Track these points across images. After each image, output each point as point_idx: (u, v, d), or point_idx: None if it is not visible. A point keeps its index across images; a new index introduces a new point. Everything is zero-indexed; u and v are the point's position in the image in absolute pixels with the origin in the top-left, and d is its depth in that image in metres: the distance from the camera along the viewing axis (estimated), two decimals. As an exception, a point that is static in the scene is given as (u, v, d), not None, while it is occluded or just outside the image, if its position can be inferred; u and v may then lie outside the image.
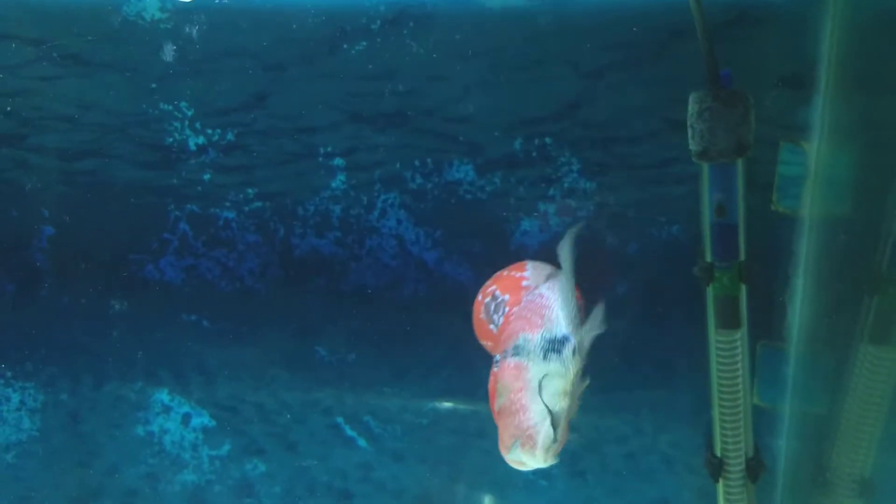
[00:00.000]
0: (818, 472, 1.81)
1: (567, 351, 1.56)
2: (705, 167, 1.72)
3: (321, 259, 2.14)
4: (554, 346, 1.55)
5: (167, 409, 2.29)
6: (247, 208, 2.12)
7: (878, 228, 1.67)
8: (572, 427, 1.60)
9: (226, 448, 2.29)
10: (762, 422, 1.92)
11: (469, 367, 2.13)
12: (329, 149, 2.03)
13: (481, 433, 2.15)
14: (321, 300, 2.17)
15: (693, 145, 1.70)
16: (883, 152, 1.72)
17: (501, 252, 2.04)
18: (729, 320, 1.79)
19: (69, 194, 2.14)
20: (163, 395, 2.28)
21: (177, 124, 2.05)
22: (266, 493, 2.29)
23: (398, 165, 2.03)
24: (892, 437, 1.68)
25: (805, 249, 1.83)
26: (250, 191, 2.10)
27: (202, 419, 2.28)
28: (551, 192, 1.98)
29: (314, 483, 2.27)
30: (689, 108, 1.69)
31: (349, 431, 2.24)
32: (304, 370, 2.22)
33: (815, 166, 1.80)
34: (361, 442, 2.23)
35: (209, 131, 2.05)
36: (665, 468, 2.09)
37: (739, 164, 1.70)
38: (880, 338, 1.65)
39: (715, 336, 1.81)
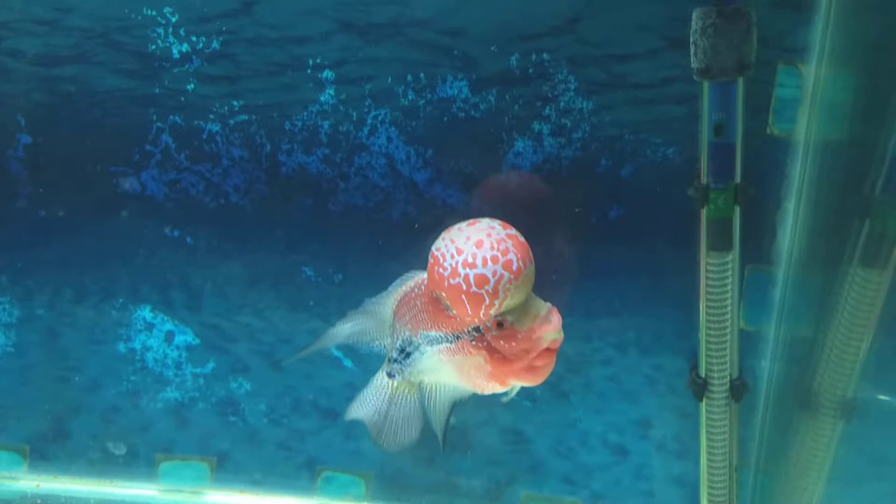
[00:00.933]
0: (802, 392, 1.86)
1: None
2: (705, 85, 1.72)
3: (309, 177, 2.11)
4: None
5: (150, 327, 2.27)
6: (232, 121, 2.07)
7: (873, 152, 1.69)
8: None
9: (210, 366, 2.30)
10: (747, 344, 1.97)
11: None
12: (318, 60, 1.99)
13: (468, 354, 2.18)
14: (308, 219, 2.15)
15: (695, 62, 1.69)
16: (882, 76, 1.72)
17: (493, 173, 2.03)
18: (721, 242, 1.81)
19: (47, 102, 2.08)
20: (145, 312, 2.26)
21: (160, 30, 1.98)
22: (251, 410, 2.31)
23: (389, 80, 1.99)
24: (876, 358, 1.73)
25: (799, 173, 1.85)
26: (236, 103, 2.05)
27: (186, 337, 2.28)
28: (547, 111, 1.96)
29: (299, 401, 2.29)
30: (693, 24, 1.67)
31: (335, 352, 2.25)
32: (291, 289, 2.21)
33: (812, 89, 1.80)
34: (347, 362, 2.25)
35: (193, 39, 1.99)
36: (648, 389, 2.13)
37: (740, 83, 1.70)
38: (870, 261, 1.68)
39: (706, 258, 1.83)
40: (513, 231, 1.41)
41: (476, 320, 1.40)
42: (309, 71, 2.00)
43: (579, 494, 2.21)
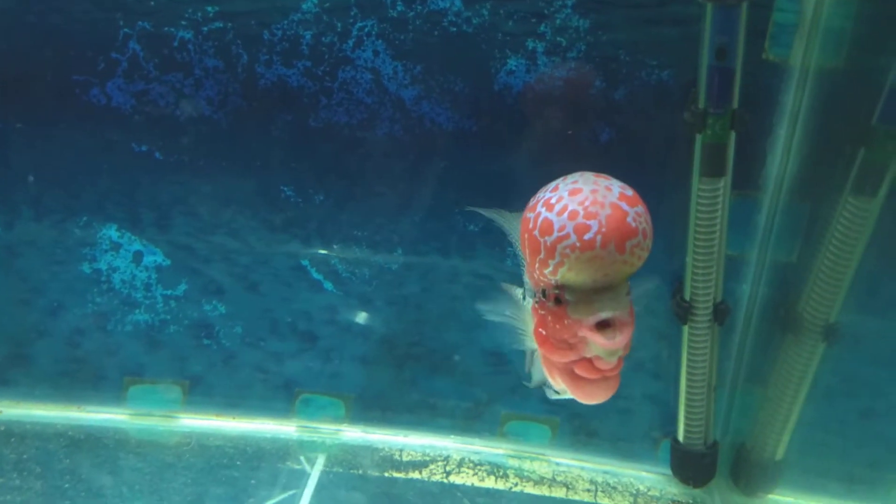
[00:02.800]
0: (786, 316, 1.96)
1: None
2: (709, 8, 1.72)
3: (288, 91, 2.05)
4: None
5: (116, 247, 2.21)
6: (206, 28, 1.98)
7: (871, 81, 1.74)
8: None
9: (182, 288, 2.26)
10: (729, 268, 2.05)
11: (443, 212, 2.15)
12: (302, -35, 1.91)
13: (452, 278, 2.20)
14: (288, 135, 2.10)
15: (701, -16, 1.70)
16: (884, 4, 1.76)
17: (484, 92, 2.02)
18: (715, 168, 1.86)
19: (2, 6, 1.94)
20: (111, 231, 2.20)
21: (128, -74, 1.87)
22: (226, 333, 2.30)
23: (378, -11, 1.94)
24: (860, 284, 1.83)
25: (793, 100, 1.89)
26: (210, 8, 1.96)
27: (155, 257, 2.23)
28: (542, 28, 1.94)
29: (277, 324, 2.29)
30: (701, -57, 1.67)
31: (315, 274, 2.24)
32: (268, 210, 2.18)
33: (813, 15, 1.83)
34: (328, 285, 2.25)
35: (165, -64, 1.89)
36: (631, 313, 2.21)
37: (744, 7, 1.72)
38: (862, 189, 1.75)
39: (698, 184, 1.88)
40: (629, 207, 1.05)
41: (536, 275, 1.13)
42: (290, -24, 1.93)
43: (558, 414, 2.31)
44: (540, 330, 1.17)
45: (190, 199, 2.18)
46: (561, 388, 1.29)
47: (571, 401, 2.37)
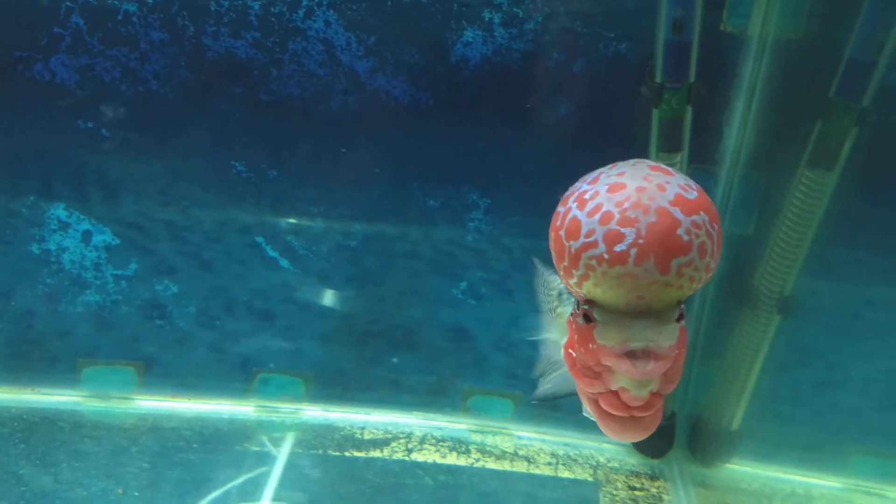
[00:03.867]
0: (741, 288, 2.01)
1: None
2: (666, -20, 1.73)
3: (237, 63, 2.03)
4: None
5: (65, 226, 2.19)
6: (150, 1, 1.94)
7: (829, 53, 1.77)
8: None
9: (132, 267, 2.25)
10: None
11: (402, 185, 2.16)
12: (249, -66, 1.88)
13: (412, 254, 2.22)
14: (238, 110, 2.08)
15: (658, -45, 1.70)
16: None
17: (441, 64, 2.01)
18: (671, 143, 1.88)
19: (-69, -26, 1.90)
20: (59, 211, 2.17)
21: None
22: (179, 313, 2.29)
23: (328, -41, 1.92)
24: (815, 257, 1.88)
25: (751, 72, 1.91)
26: (155, -20, 1.93)
27: (104, 237, 2.21)
28: (499, -1, 1.93)
29: (232, 303, 2.29)
30: (658, -87, 1.67)
31: (270, 252, 2.24)
32: (219, 186, 2.16)
33: (772, -17, 1.85)
34: (284, 262, 2.24)
35: None
36: (592, 287, 2.24)
37: (702, -21, 1.73)
38: (818, 162, 1.79)
39: (655, 159, 1.90)
40: (684, 215, 0.80)
41: (564, 282, 0.92)
42: (238, -55, 1.89)
43: (520, 387, 2.35)
44: (570, 350, 0.97)
45: (138, 176, 2.15)
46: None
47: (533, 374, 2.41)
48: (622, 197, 0.81)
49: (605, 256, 0.80)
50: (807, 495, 2.07)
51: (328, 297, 2.29)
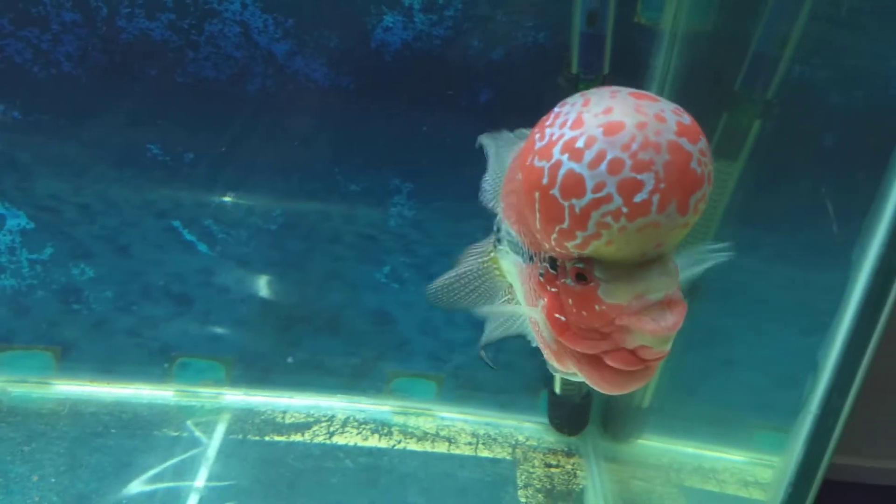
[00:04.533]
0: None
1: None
2: (581, -28, 1.78)
3: (152, 45, 2.00)
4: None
5: (-26, 211, 2.15)
6: (61, -20, 1.91)
7: (736, 46, 1.84)
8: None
9: (48, 252, 2.22)
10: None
11: (323, 168, 2.17)
12: (162, -87, 1.86)
13: (334, 238, 2.24)
14: (153, 92, 2.06)
15: (572, -52, 1.75)
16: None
17: (361, 48, 2.02)
18: (587, 132, 1.94)
19: None
20: (-32, 195, 2.13)
21: None
22: (96, 298, 2.27)
23: (244, -61, 1.91)
24: (721, 243, 1.97)
25: (663, 63, 1.98)
26: (64, -42, 1.89)
27: (18, 220, 2.17)
28: (418, -15, 1.95)
29: (150, 288, 2.28)
30: None
31: (187, 235, 2.23)
32: (135, 169, 2.14)
33: (683, -23, 1.91)
34: (202, 247, 2.24)
35: None
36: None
37: (616, -28, 1.78)
38: (724, 152, 1.87)
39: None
40: (691, 145, 0.70)
41: (548, 245, 0.80)
42: (150, -75, 1.87)
43: (443, 370, 2.41)
44: (556, 315, 0.86)
45: (53, 159, 2.12)
46: (559, 369, 1.02)
47: (457, 355, 2.47)
48: (626, 138, 0.69)
49: (624, 210, 0.70)
50: (712, 469, 2.18)
51: (248, 282, 2.30)
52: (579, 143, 0.70)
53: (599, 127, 0.70)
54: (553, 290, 0.85)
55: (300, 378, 2.38)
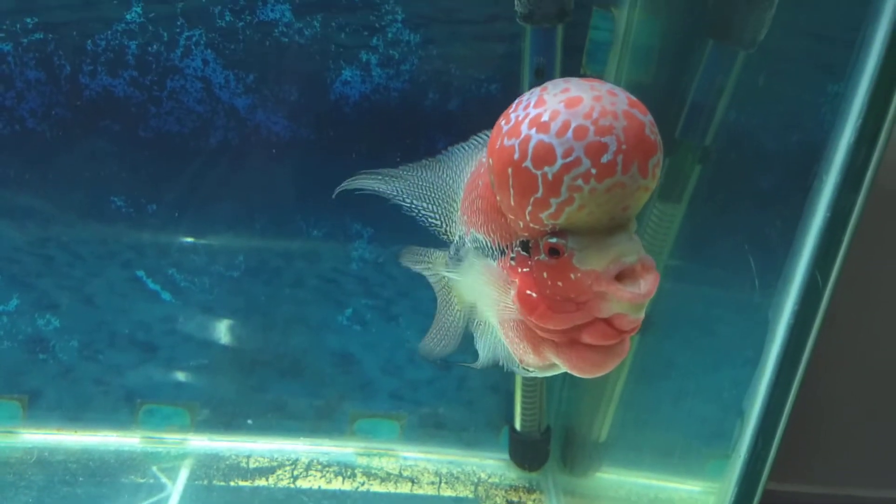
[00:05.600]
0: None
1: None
2: (528, 29, 1.90)
3: (115, 101, 2.08)
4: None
5: (-63, 265, 2.20)
6: (25, 40, 1.98)
7: (675, 97, 1.98)
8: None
9: (13, 303, 2.27)
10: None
11: (285, 217, 2.26)
12: (122, -24, 1.94)
13: (297, 283, 2.32)
14: (116, 146, 2.13)
15: (518, 6, 1.86)
16: (686, 23, 1.99)
17: (320, 101, 2.12)
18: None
19: None
20: (-70, 249, 2.18)
21: (-70, -67, 1.84)
22: (62, 347, 2.32)
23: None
24: (668, 280, 2.07)
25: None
26: (29, 20, 1.96)
27: (-19, 274, 2.23)
28: (374, 41, 2.06)
29: (115, 336, 2.34)
30: (517, -31, 1.83)
31: (151, 285, 2.30)
32: (99, 221, 2.21)
33: (624, 33, 2.04)
34: (165, 295, 2.31)
35: (-27, -55, 1.87)
36: (471, 311, 2.40)
37: (560, 30, 1.90)
38: (668, 195, 2.00)
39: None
40: (643, 116, 0.81)
41: (521, 222, 0.89)
42: (112, -13, 1.95)
43: (405, 409, 2.48)
44: (528, 293, 0.93)
45: (17, 212, 2.18)
46: (537, 365, 1.08)
47: (419, 394, 2.54)
48: (586, 108, 0.79)
49: (593, 171, 0.79)
50: (668, 499, 2.27)
51: (212, 328, 2.37)
52: (545, 118, 0.80)
53: (561, 102, 0.80)
54: (525, 270, 0.93)
55: (263, 422, 2.44)
